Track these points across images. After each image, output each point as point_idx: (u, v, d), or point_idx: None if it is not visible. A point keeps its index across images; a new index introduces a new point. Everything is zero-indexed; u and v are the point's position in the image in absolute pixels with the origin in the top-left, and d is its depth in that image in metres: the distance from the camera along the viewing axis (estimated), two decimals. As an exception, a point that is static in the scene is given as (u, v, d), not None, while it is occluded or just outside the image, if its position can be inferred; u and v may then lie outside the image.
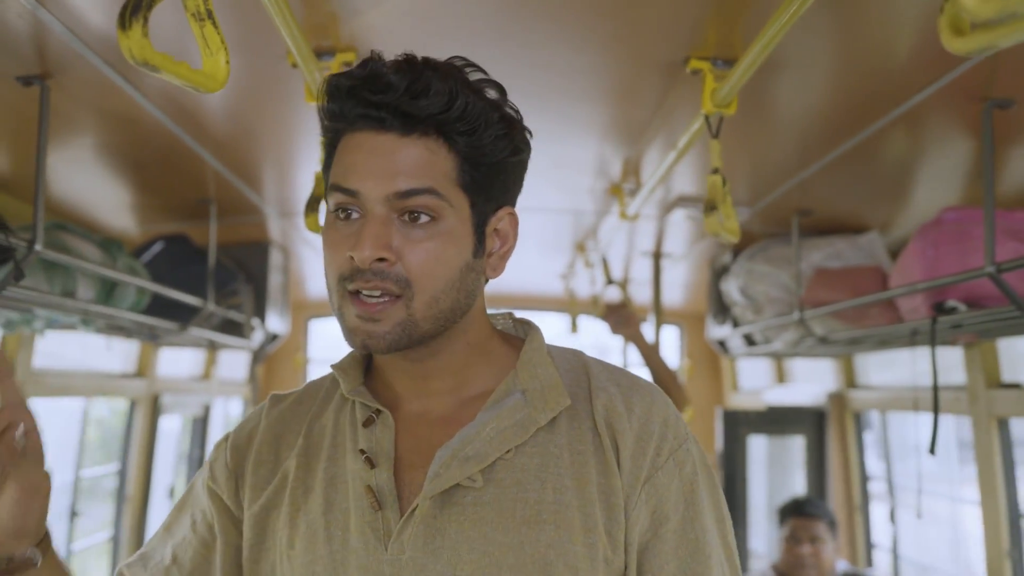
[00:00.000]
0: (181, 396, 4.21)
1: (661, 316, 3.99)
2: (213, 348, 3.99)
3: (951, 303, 2.26)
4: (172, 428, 4.40)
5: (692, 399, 5.33)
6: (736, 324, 3.61)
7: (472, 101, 0.99)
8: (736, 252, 3.44)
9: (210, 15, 1.05)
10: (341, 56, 1.66)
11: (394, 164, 0.98)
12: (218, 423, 4.58)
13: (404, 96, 0.96)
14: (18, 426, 0.89)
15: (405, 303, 0.98)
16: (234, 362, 4.72)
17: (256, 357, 4.41)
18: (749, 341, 3.71)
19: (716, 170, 1.77)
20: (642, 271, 4.15)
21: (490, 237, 1.06)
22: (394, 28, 1.62)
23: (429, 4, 1.54)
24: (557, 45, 1.69)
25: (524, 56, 1.73)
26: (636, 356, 3.40)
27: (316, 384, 1.20)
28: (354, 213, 0.99)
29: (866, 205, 2.85)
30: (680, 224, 3.21)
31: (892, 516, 3.76)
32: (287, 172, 2.67)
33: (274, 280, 3.75)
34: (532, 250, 4.04)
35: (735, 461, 4.34)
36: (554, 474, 1.02)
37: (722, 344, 4.00)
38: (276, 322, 3.85)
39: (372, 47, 1.01)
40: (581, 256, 3.96)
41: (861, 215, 2.95)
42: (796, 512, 3.47)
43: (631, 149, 2.35)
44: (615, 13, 1.55)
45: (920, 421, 3.58)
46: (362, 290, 0.97)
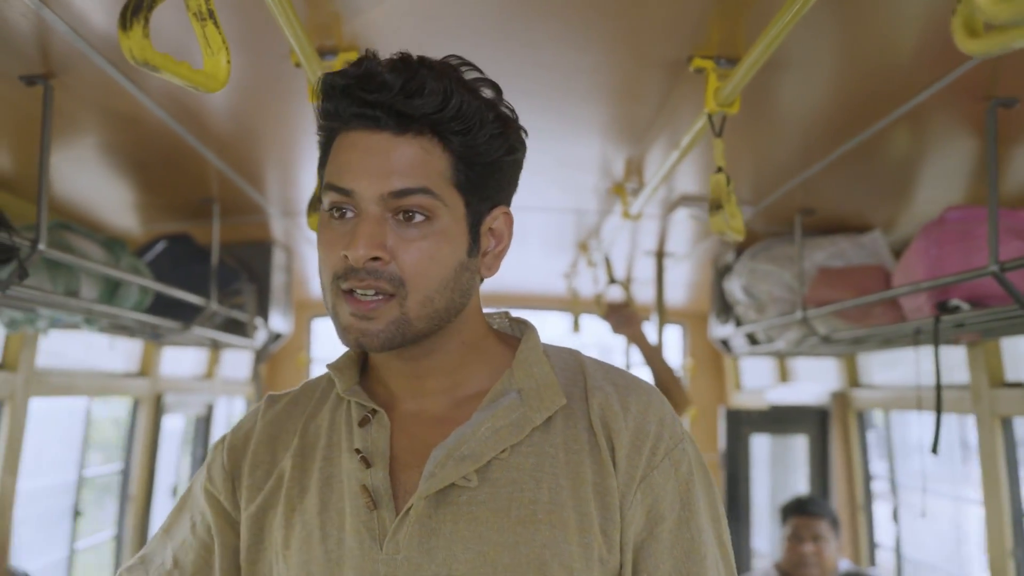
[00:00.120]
0: (184, 395, 4.21)
1: (664, 315, 3.99)
2: (216, 347, 4.00)
3: (954, 302, 2.26)
4: (175, 427, 4.41)
5: (695, 398, 5.34)
6: (739, 323, 3.60)
7: (467, 100, 0.99)
8: (739, 251, 3.44)
9: (211, 15, 1.05)
10: (344, 55, 1.66)
11: (389, 163, 0.97)
12: (221, 423, 4.58)
13: (399, 95, 0.96)
14: None
15: (399, 302, 0.98)
16: (237, 361, 4.72)
17: (259, 356, 4.41)
18: (752, 340, 3.71)
19: (720, 169, 1.77)
20: (645, 270, 4.15)
21: (485, 236, 1.06)
22: (397, 27, 1.62)
23: (432, 3, 1.54)
24: (560, 44, 1.69)
25: (527, 55, 1.73)
26: (638, 356, 3.40)
27: (312, 384, 1.19)
28: (348, 212, 0.99)
29: (869, 204, 2.85)
30: (683, 223, 3.21)
31: (895, 515, 3.76)
32: (290, 172, 2.67)
33: (277, 279, 3.76)
34: (535, 249, 4.04)
35: (738, 460, 4.34)
36: (549, 473, 1.01)
37: (725, 343, 3.99)
38: (279, 321, 3.85)
39: (375, 46, 1.01)
40: (584, 255, 3.96)
41: (864, 214, 2.95)
42: (798, 511, 3.47)
43: (634, 148, 2.35)
44: (618, 12, 1.55)
45: (921, 420, 3.58)
46: (356, 289, 0.97)
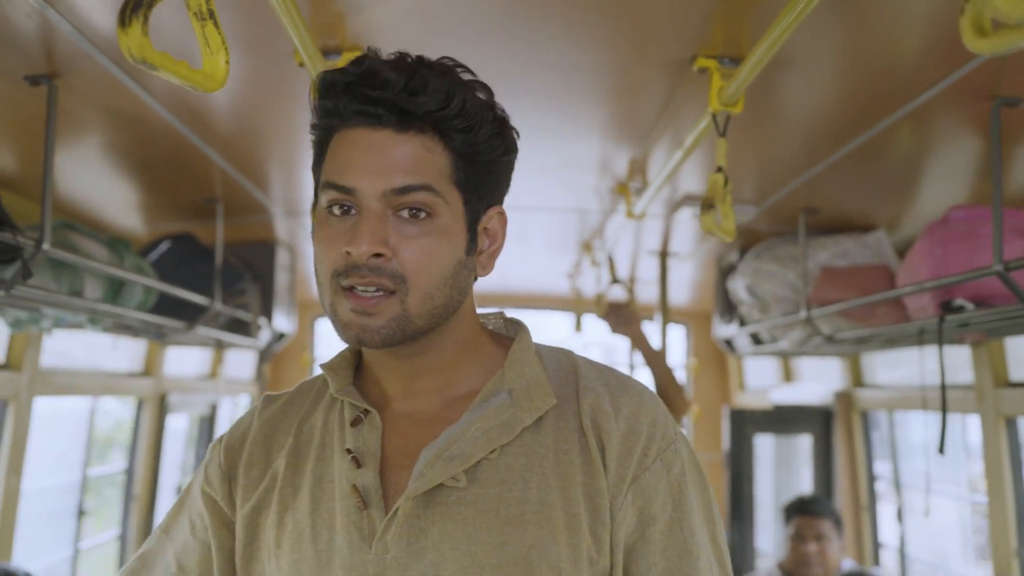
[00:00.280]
0: (188, 395, 4.22)
1: (668, 315, 3.99)
2: (220, 347, 4.00)
3: (959, 302, 2.26)
4: (179, 427, 4.41)
5: (699, 398, 5.35)
6: (743, 323, 3.60)
7: (470, 99, 1.00)
8: (743, 251, 3.44)
9: (212, 15, 1.05)
10: (348, 55, 1.66)
11: (390, 161, 0.98)
12: (225, 422, 4.59)
13: (402, 93, 0.96)
14: None
15: (400, 298, 0.98)
16: (241, 361, 4.73)
17: (263, 356, 4.42)
18: (756, 340, 3.71)
19: (720, 169, 1.77)
20: (649, 270, 4.15)
21: (481, 235, 1.06)
22: (400, 27, 1.62)
23: (435, 3, 1.54)
24: (563, 43, 1.68)
25: (530, 54, 1.73)
26: (641, 356, 3.39)
27: (308, 384, 1.19)
28: (349, 209, 0.99)
29: (873, 203, 2.85)
30: (687, 223, 3.21)
31: (899, 515, 3.75)
32: (293, 171, 2.67)
33: (280, 279, 3.76)
34: (538, 249, 4.04)
35: (742, 460, 4.34)
36: (538, 474, 1.01)
37: (729, 343, 3.99)
38: (283, 321, 3.86)
39: (378, 46, 1.01)
40: (587, 255, 3.96)
41: (868, 213, 2.95)
42: (801, 511, 3.46)
43: (637, 148, 2.35)
44: (622, 11, 1.55)
45: (922, 420, 3.57)
46: (357, 285, 0.97)
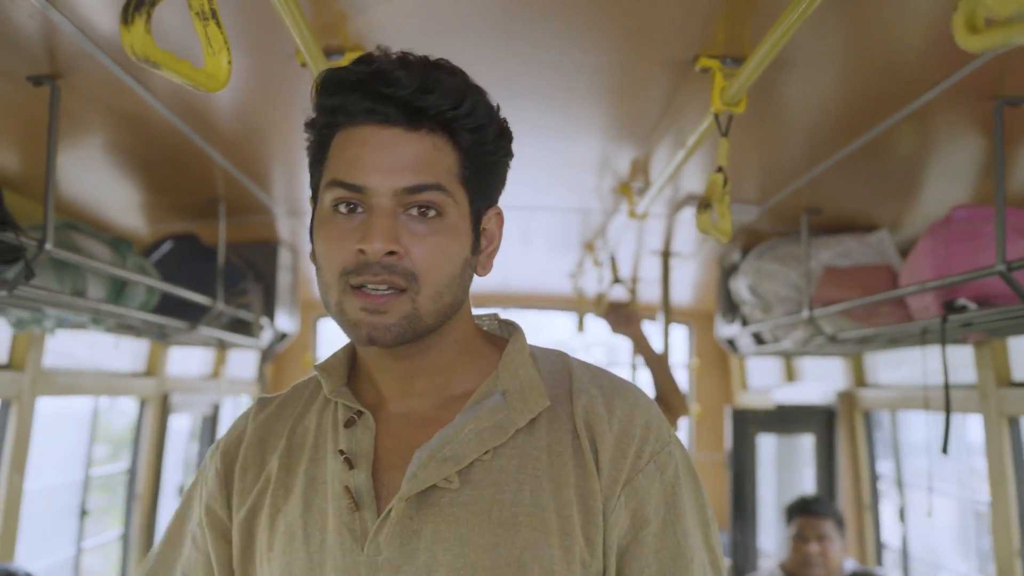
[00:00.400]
0: (190, 395, 4.22)
1: (670, 315, 3.99)
2: (222, 347, 4.00)
3: (961, 301, 2.26)
4: (182, 427, 4.42)
5: (701, 398, 5.35)
6: (745, 323, 3.60)
7: (480, 99, 1.00)
8: (745, 250, 3.43)
9: (214, 15, 1.05)
10: (350, 55, 1.66)
11: (402, 159, 0.97)
12: (227, 422, 4.57)
13: (415, 91, 0.96)
14: None
15: (410, 297, 0.98)
16: (243, 361, 4.73)
17: (265, 356, 4.42)
18: (758, 340, 3.70)
19: (720, 168, 1.77)
20: (651, 270, 4.15)
21: (480, 235, 1.06)
22: (402, 27, 1.62)
23: (437, 3, 1.54)
24: (565, 43, 1.68)
25: (532, 54, 1.72)
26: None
27: (301, 386, 1.18)
28: (356, 208, 0.99)
29: (876, 203, 2.84)
30: (689, 223, 3.20)
31: (901, 515, 3.75)
32: (296, 171, 2.67)
33: (283, 279, 3.76)
34: (541, 249, 4.04)
35: (744, 460, 4.33)
36: (531, 476, 1.01)
37: (731, 343, 3.99)
38: (285, 321, 3.86)
39: (381, 46, 1.01)
40: (590, 255, 3.96)
41: (871, 213, 2.94)
42: (803, 511, 3.46)
43: (640, 148, 2.35)
44: (624, 11, 1.55)
45: (921, 419, 3.57)
46: (367, 283, 0.97)
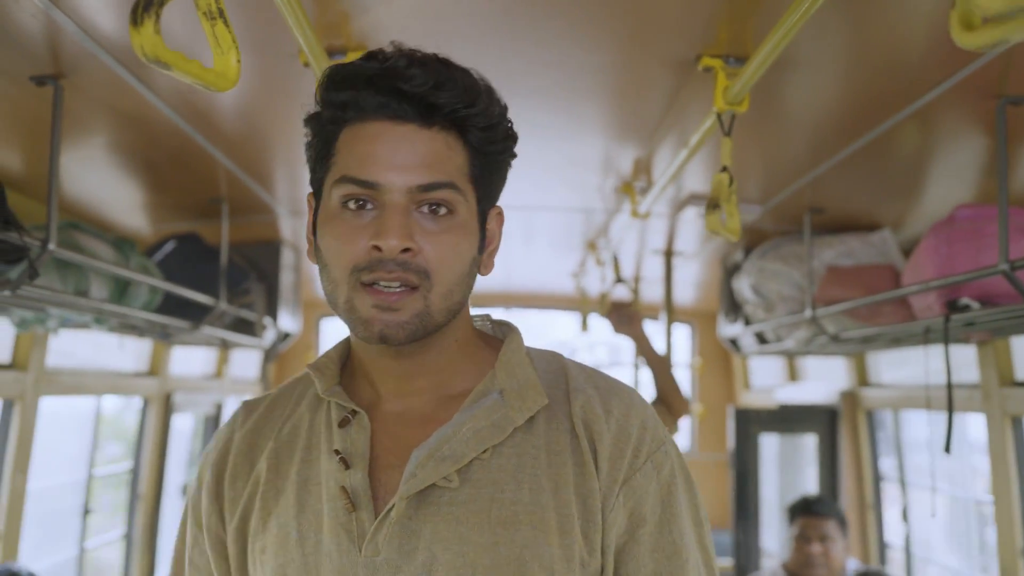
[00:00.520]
0: (193, 395, 4.23)
1: (672, 314, 3.99)
2: (225, 347, 4.01)
3: (964, 301, 2.25)
4: (185, 427, 4.42)
5: (704, 397, 5.35)
6: (748, 322, 3.60)
7: (493, 98, 1.00)
8: (748, 250, 3.43)
9: (221, 14, 1.05)
10: (352, 55, 1.66)
11: (416, 156, 0.97)
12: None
13: (431, 88, 0.95)
14: None
15: (423, 294, 0.97)
16: (246, 361, 4.73)
17: (268, 356, 4.43)
18: (761, 339, 3.70)
19: (724, 168, 1.77)
20: (653, 269, 4.15)
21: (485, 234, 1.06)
22: (404, 26, 1.62)
23: (439, 2, 1.54)
24: (568, 43, 1.68)
25: (535, 54, 1.72)
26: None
27: (289, 386, 1.17)
28: (368, 204, 0.98)
29: (879, 203, 2.84)
30: (692, 222, 3.21)
31: (904, 515, 3.75)
32: (298, 171, 2.67)
33: (286, 279, 3.77)
34: (543, 248, 4.04)
35: (747, 460, 4.33)
36: (531, 474, 1.00)
37: (734, 342, 3.99)
38: (288, 321, 3.86)
39: (383, 45, 1.01)
40: (592, 254, 3.95)
41: (874, 213, 2.94)
42: (805, 511, 3.46)
43: (642, 147, 2.35)
44: (627, 11, 1.55)
45: (921, 417, 3.57)
46: (380, 281, 0.96)
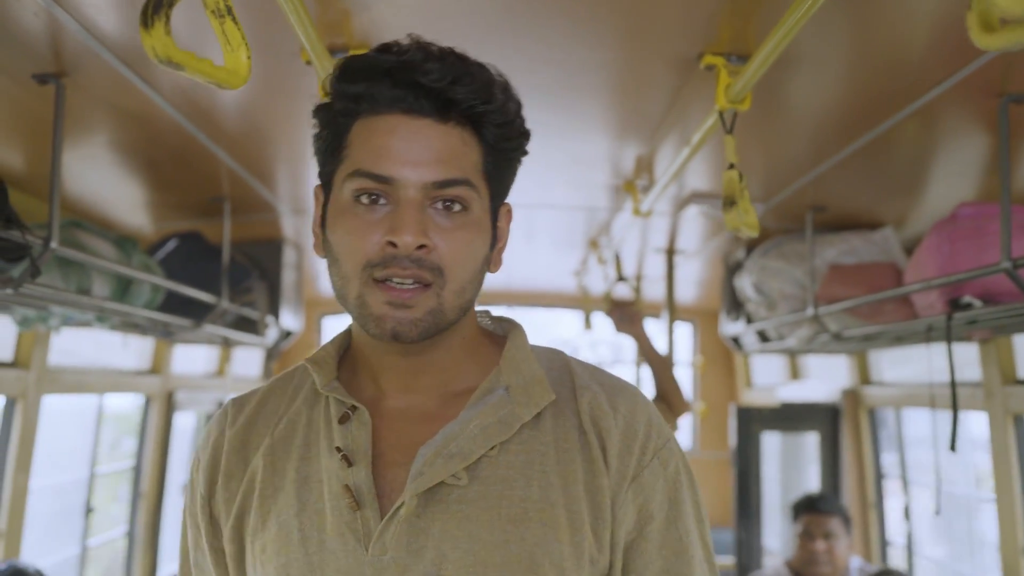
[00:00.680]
0: (195, 393, 4.23)
1: (674, 312, 3.98)
2: (227, 345, 4.01)
3: (967, 299, 2.25)
4: (187, 425, 4.43)
5: (705, 396, 5.35)
6: (750, 320, 3.60)
7: (509, 94, 0.99)
8: (750, 248, 3.43)
9: (230, 11, 1.05)
10: (354, 53, 1.66)
11: (431, 151, 0.95)
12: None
13: (449, 83, 0.94)
14: None
15: (436, 291, 0.96)
16: (248, 359, 4.74)
17: (270, 354, 4.43)
18: (763, 337, 3.70)
19: (732, 165, 1.76)
20: (655, 267, 4.15)
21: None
22: (406, 24, 1.62)
23: (441, 0, 1.54)
24: (570, 40, 1.68)
25: (537, 51, 1.72)
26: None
27: (283, 380, 1.14)
28: (381, 199, 0.96)
29: (881, 201, 2.84)
30: (694, 220, 3.21)
31: (906, 513, 3.75)
32: (300, 169, 2.67)
33: (288, 277, 3.77)
34: (545, 247, 4.04)
35: (749, 458, 4.33)
36: (540, 471, 1.00)
37: (736, 340, 3.99)
38: (290, 319, 3.86)
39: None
40: (594, 253, 3.95)
41: (876, 211, 2.94)
42: (810, 508, 3.46)
43: (644, 145, 2.35)
44: (629, 9, 1.55)
45: (921, 415, 3.57)
46: (394, 277, 0.95)
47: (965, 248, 2.27)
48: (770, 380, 5.06)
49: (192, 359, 4.24)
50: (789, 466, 4.76)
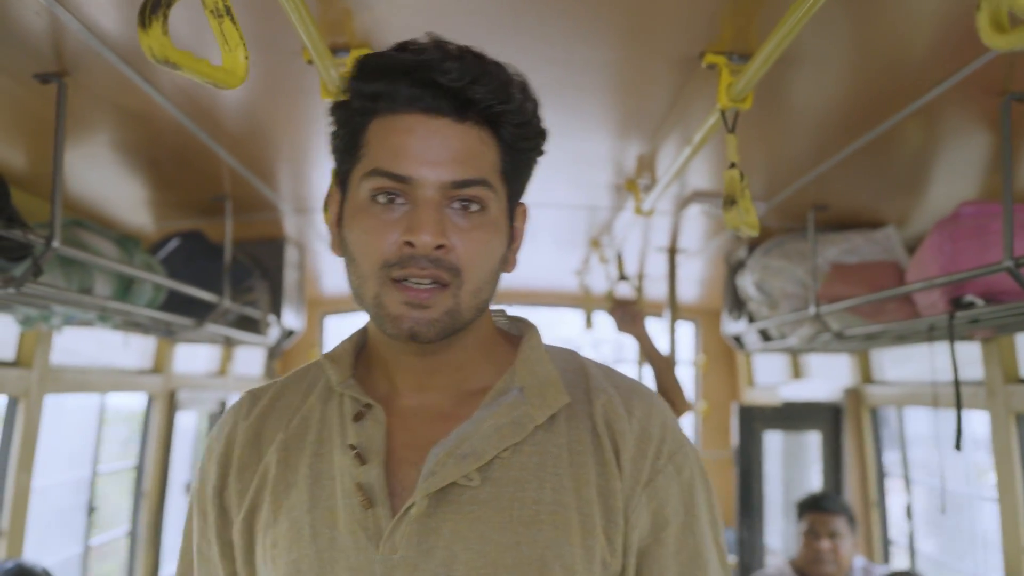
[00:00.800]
0: (197, 392, 4.23)
1: (676, 311, 3.98)
2: (229, 344, 4.01)
3: (969, 298, 2.25)
4: (189, 424, 4.43)
5: (707, 394, 5.35)
6: (752, 319, 3.59)
7: (527, 94, 0.99)
8: (752, 247, 3.43)
9: (228, 11, 1.05)
10: (356, 52, 1.66)
11: (449, 151, 0.95)
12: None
13: (467, 82, 0.94)
14: None
15: (453, 292, 0.96)
16: (250, 358, 4.74)
17: (272, 353, 4.43)
18: (765, 336, 3.70)
19: (733, 164, 1.76)
20: (657, 267, 4.15)
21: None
22: (408, 23, 1.62)
23: None
24: (571, 40, 1.68)
25: (538, 50, 1.72)
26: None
27: (298, 375, 1.14)
28: (399, 198, 0.96)
29: (883, 200, 2.84)
30: (695, 219, 3.20)
31: (909, 512, 3.74)
32: (302, 168, 2.67)
33: (289, 276, 3.77)
34: (547, 246, 4.03)
35: (750, 457, 4.33)
36: (552, 474, 0.99)
37: (738, 339, 3.98)
38: (292, 318, 3.86)
39: (386, 42, 1.00)
40: (596, 252, 3.95)
41: (878, 210, 2.94)
42: (815, 507, 3.46)
43: (646, 144, 2.35)
44: (631, 8, 1.55)
45: (921, 414, 3.57)
46: (411, 277, 0.95)
47: (967, 247, 2.27)
48: (772, 379, 5.06)
49: (194, 358, 4.24)
50: (791, 465, 4.75)
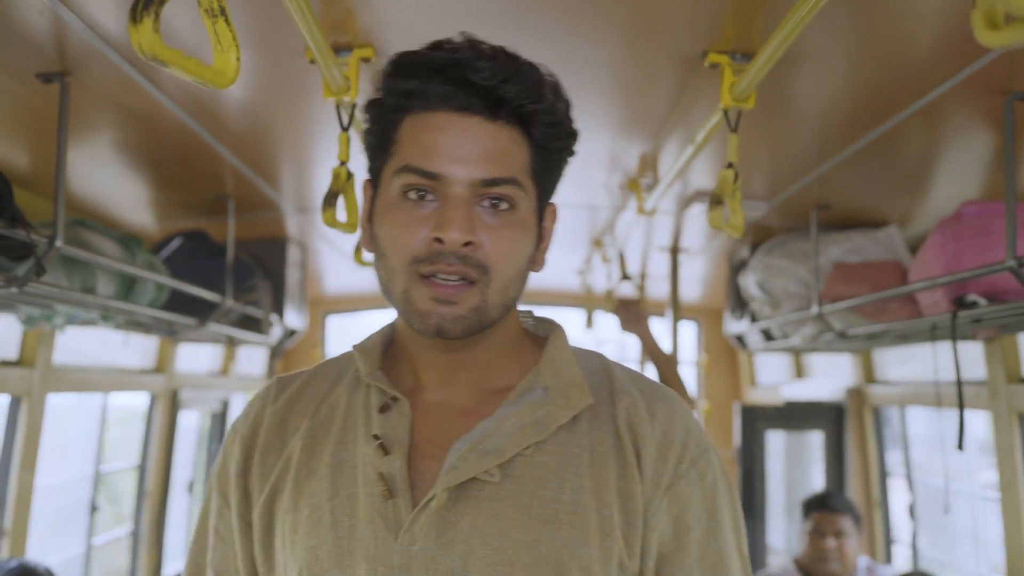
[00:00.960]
0: (200, 392, 4.23)
1: (679, 311, 3.98)
2: (231, 344, 4.01)
3: (971, 297, 2.25)
4: (191, 424, 4.43)
5: (710, 394, 5.34)
6: (754, 319, 3.59)
7: (559, 95, 1.01)
8: (754, 247, 3.43)
9: (223, 12, 1.05)
10: (358, 52, 1.66)
11: (481, 150, 0.96)
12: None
13: (500, 81, 0.95)
14: None
15: (480, 289, 0.97)
16: (252, 358, 4.74)
17: (274, 353, 4.43)
18: (767, 336, 3.70)
19: (730, 164, 1.76)
20: (659, 266, 4.14)
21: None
22: (410, 23, 1.62)
23: (446, -1, 1.54)
24: (574, 39, 1.68)
25: (541, 49, 1.71)
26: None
27: (328, 365, 1.16)
28: (429, 195, 0.97)
29: (885, 199, 2.84)
30: (698, 219, 3.20)
31: (911, 512, 3.74)
32: (305, 168, 2.67)
33: (292, 276, 3.77)
34: (549, 245, 4.03)
35: (753, 456, 4.33)
36: (573, 474, 1.00)
37: (740, 339, 3.98)
38: (294, 318, 3.87)
39: (388, 42, 1.01)
40: (598, 251, 3.95)
41: (880, 209, 2.93)
42: (821, 506, 3.45)
43: (648, 143, 2.35)
44: (633, 7, 1.54)
45: (922, 413, 3.57)
46: (440, 273, 0.96)
47: (970, 246, 2.27)
48: (774, 379, 5.06)
49: (196, 358, 4.24)
50: (793, 465, 4.75)
